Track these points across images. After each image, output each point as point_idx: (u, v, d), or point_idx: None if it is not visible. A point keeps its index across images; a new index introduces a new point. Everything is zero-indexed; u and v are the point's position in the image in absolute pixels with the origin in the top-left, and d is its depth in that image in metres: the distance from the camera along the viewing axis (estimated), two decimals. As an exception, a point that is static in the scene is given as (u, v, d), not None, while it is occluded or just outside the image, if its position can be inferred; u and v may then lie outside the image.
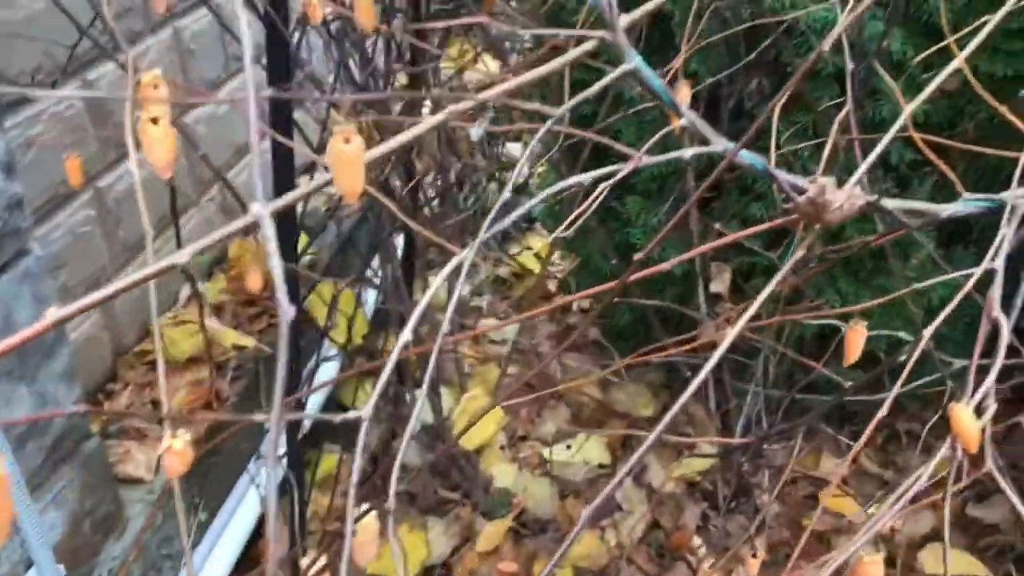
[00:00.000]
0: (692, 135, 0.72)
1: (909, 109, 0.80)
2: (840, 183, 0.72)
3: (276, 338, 1.45)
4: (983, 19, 0.82)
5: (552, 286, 2.45)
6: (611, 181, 0.69)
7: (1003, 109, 0.84)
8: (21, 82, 1.36)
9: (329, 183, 0.59)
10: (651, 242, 1.48)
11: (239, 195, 1.40)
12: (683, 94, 0.79)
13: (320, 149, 1.65)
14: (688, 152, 0.72)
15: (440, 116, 0.64)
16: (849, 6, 1.01)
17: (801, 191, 0.74)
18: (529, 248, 2.71)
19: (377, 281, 1.66)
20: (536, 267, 2.57)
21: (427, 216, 2.07)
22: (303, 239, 1.63)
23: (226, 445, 1.49)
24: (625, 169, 0.69)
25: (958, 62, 0.85)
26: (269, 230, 0.46)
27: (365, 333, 1.79)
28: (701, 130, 0.72)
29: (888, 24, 1.39)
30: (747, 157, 0.75)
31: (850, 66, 0.94)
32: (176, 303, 1.82)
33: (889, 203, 0.77)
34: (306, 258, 1.90)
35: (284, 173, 1.23)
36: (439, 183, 2.28)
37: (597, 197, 0.70)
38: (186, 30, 1.79)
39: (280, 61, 1.00)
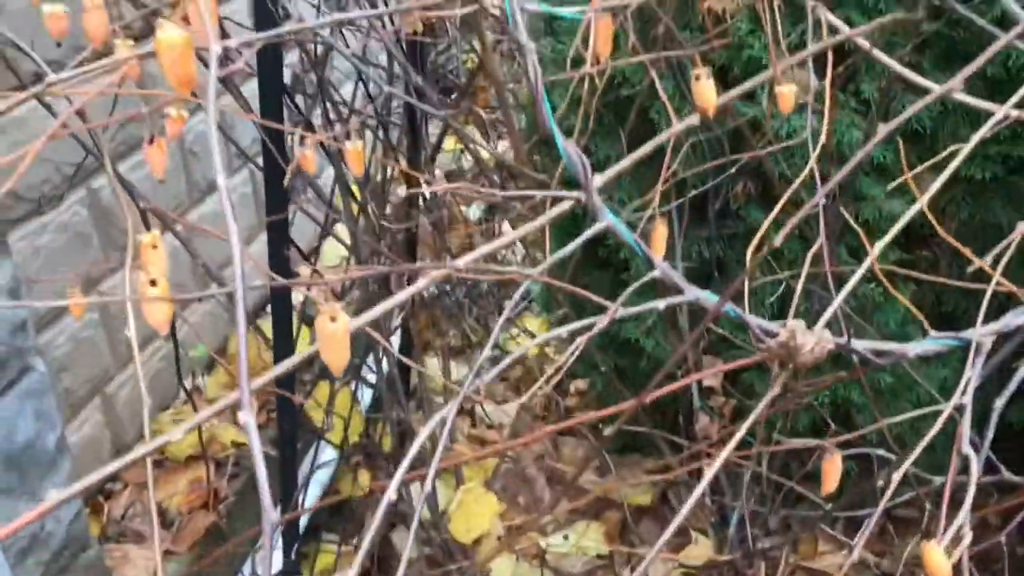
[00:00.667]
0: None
1: (876, 249, 0.84)
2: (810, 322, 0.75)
3: (276, 434, 1.48)
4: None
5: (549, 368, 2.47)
6: (590, 333, 0.72)
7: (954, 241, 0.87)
8: (30, 196, 1.41)
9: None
10: (650, 339, 1.50)
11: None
12: (659, 234, 0.83)
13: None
14: (661, 303, 0.75)
15: (423, 282, 0.68)
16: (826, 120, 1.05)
17: (772, 335, 0.78)
18: (526, 330, 2.74)
19: (373, 378, 1.68)
20: (531, 350, 2.60)
21: (424, 300, 2.11)
22: (304, 334, 1.67)
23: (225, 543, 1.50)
24: (602, 322, 0.72)
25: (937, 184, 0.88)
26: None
27: (361, 431, 1.81)
28: (675, 281, 0.75)
29: (868, 133, 1.44)
30: (712, 300, 0.78)
31: (822, 196, 0.97)
32: (177, 397, 1.85)
33: (858, 344, 0.80)
34: (306, 351, 1.92)
35: (281, 283, 1.27)
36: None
37: (577, 347, 0.73)
38: (189, 132, 1.85)
39: (278, 196, 1.04)
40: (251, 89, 1.14)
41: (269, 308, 2.37)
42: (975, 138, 0.95)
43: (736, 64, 1.51)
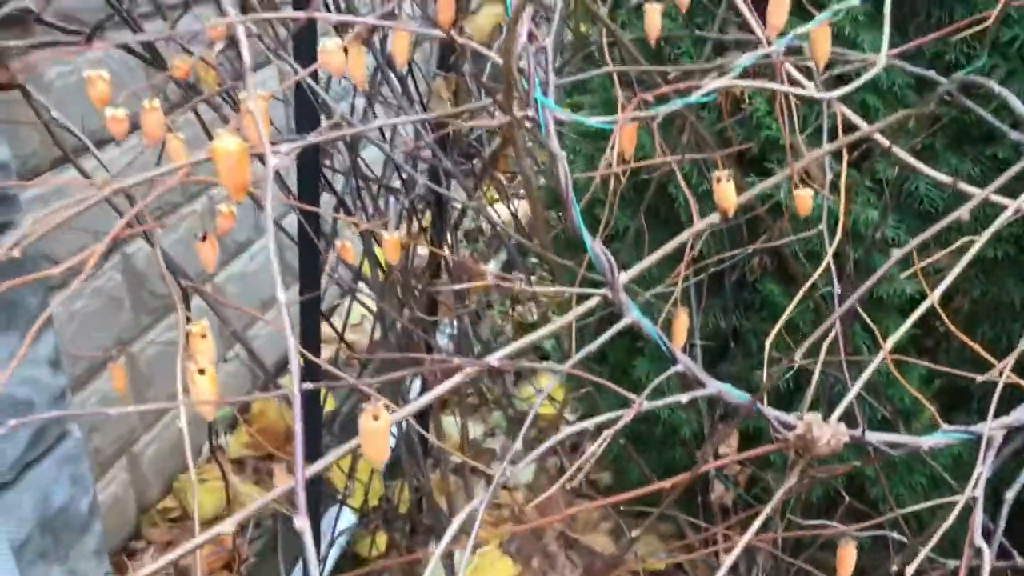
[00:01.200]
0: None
1: (888, 344, 0.87)
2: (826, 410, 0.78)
3: (296, 495, 1.51)
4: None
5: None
6: (614, 427, 0.75)
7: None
8: (66, 261, 1.45)
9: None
10: (664, 408, 1.51)
11: (259, 359, 1.47)
12: (680, 323, 0.86)
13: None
14: (684, 397, 0.79)
15: (458, 378, 0.71)
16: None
17: (790, 427, 0.81)
18: (540, 389, 2.76)
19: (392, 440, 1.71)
20: (548, 409, 2.62)
21: (441, 359, 2.14)
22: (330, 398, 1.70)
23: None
24: (627, 417, 0.75)
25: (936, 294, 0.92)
26: (307, 537, 0.52)
27: (381, 495, 1.83)
28: (697, 375, 0.79)
29: (883, 213, 1.48)
30: (736, 395, 0.81)
31: (836, 290, 1.01)
32: (199, 456, 1.88)
33: (872, 436, 0.83)
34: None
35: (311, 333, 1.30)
36: (455, 324, 2.36)
37: (604, 441, 0.76)
38: (219, 197, 1.90)
39: (312, 275, 1.09)
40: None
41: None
42: (987, 234, 0.99)
43: (755, 143, 1.56)
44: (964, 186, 1.11)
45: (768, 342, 0.86)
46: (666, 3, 0.80)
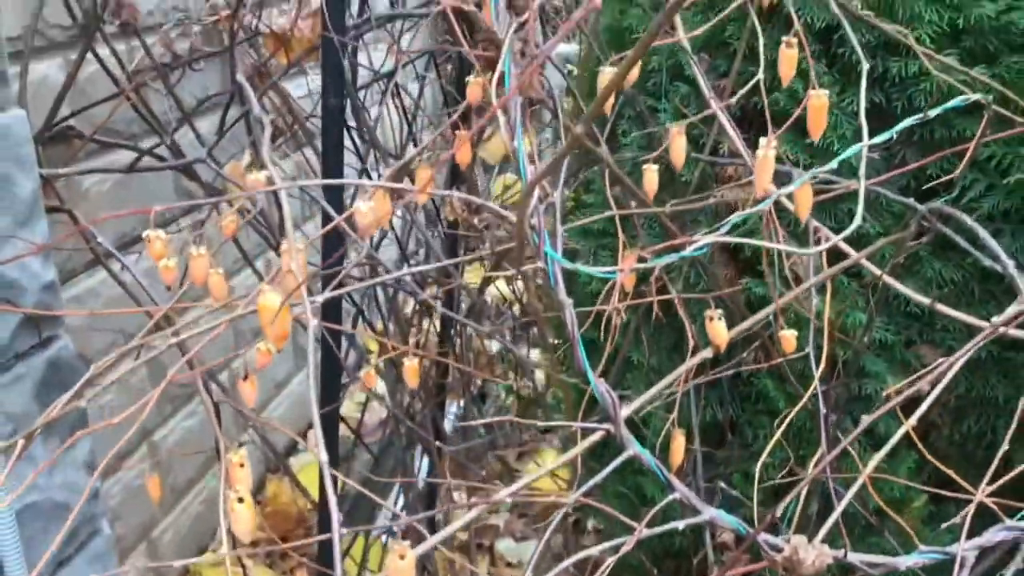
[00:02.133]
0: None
1: (869, 468, 0.94)
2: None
3: (308, 579, 1.57)
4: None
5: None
6: (616, 555, 0.82)
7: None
8: (97, 361, 1.53)
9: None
10: (665, 493, 1.58)
11: (271, 444, 1.54)
12: (677, 445, 0.94)
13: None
14: (681, 524, 0.86)
15: (475, 512, 0.79)
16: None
17: (778, 549, 0.88)
18: (539, 464, 2.82)
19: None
20: (550, 485, 2.68)
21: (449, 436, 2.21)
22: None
23: None
24: (627, 546, 0.82)
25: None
26: None
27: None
28: (693, 503, 0.86)
29: (870, 317, 1.56)
30: (729, 521, 0.89)
31: (824, 411, 1.08)
32: (214, 538, 1.94)
33: (854, 557, 0.90)
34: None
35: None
36: (461, 404, 2.43)
37: (612, 561, 0.83)
38: (238, 287, 1.99)
39: (333, 388, 1.16)
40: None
41: (301, 446, 2.48)
42: (964, 353, 1.07)
43: (748, 246, 1.64)
44: (941, 307, 1.19)
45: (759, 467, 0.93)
46: (661, 164, 0.89)
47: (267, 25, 1.36)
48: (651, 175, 0.86)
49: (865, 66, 0.98)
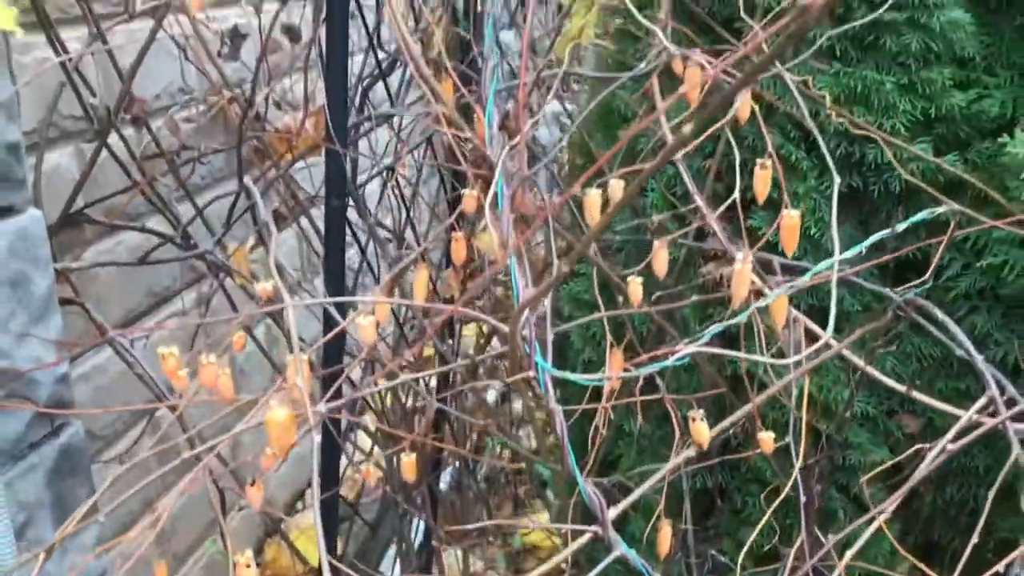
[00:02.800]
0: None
1: (844, 561, 0.99)
2: None
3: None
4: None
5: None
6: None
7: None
8: (106, 433, 1.58)
9: None
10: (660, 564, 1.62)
11: (269, 510, 1.58)
12: (663, 535, 0.98)
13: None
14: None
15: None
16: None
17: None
18: (535, 519, 2.85)
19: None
20: (545, 542, 2.71)
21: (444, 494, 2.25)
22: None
23: None
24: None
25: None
26: None
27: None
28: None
29: (852, 392, 1.61)
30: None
31: (803, 498, 1.13)
32: (214, 602, 1.97)
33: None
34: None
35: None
36: (457, 465, 2.46)
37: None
38: (242, 354, 2.04)
39: (331, 470, 1.21)
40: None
41: (301, 503, 2.51)
42: (940, 445, 1.12)
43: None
44: (917, 395, 1.24)
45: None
46: (645, 276, 0.95)
47: (271, 125, 1.42)
48: (635, 287, 0.92)
49: (836, 180, 1.05)
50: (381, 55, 1.36)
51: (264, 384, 2.18)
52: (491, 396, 3.62)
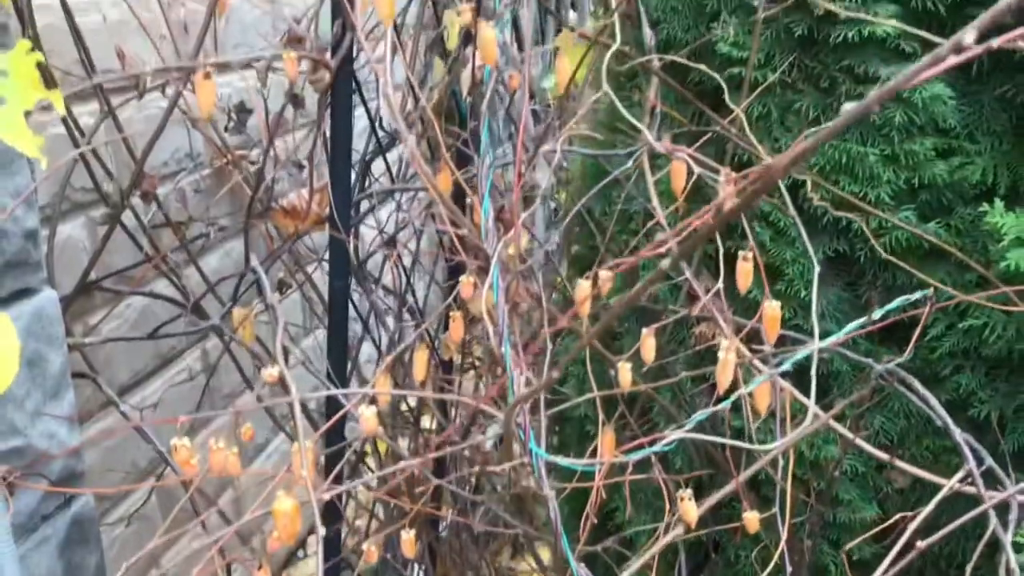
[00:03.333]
0: None
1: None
2: None
3: None
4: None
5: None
6: None
7: None
8: (112, 494, 1.62)
9: None
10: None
11: (270, 563, 1.62)
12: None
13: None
14: None
15: None
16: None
17: None
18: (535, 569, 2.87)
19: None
20: (546, 583, 2.73)
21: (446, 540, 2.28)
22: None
23: None
24: None
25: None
26: None
27: None
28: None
29: (842, 450, 1.65)
30: None
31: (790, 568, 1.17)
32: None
33: None
34: None
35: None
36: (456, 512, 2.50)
37: None
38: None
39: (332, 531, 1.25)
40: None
41: (303, 551, 2.54)
42: (926, 511, 1.16)
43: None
44: (900, 463, 1.29)
45: None
46: (635, 363, 0.99)
47: (277, 203, 1.48)
48: (625, 374, 0.96)
49: (816, 268, 1.09)
50: (382, 133, 1.41)
51: (266, 435, 2.22)
52: (488, 441, 3.66)
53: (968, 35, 0.47)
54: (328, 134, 1.16)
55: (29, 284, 1.15)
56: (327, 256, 1.36)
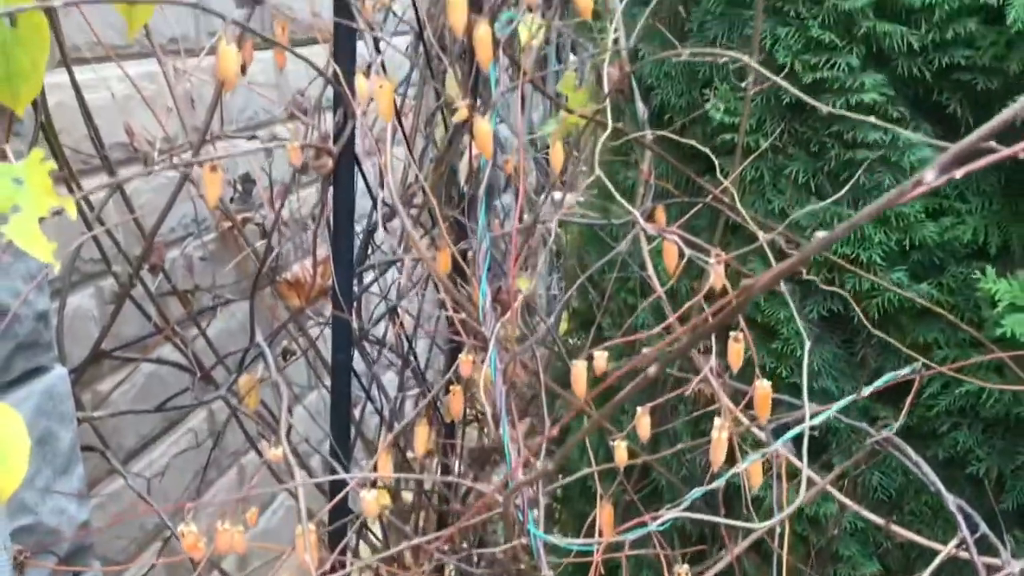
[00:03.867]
0: None
1: None
2: None
3: None
4: None
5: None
6: None
7: None
8: (116, 559, 1.64)
9: None
10: None
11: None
12: None
13: None
14: None
15: None
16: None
17: None
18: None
19: None
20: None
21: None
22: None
23: None
24: None
25: None
26: None
27: None
28: None
29: (841, 507, 1.66)
30: None
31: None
32: None
33: None
34: None
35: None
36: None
37: None
38: (249, 464, 2.11)
39: None
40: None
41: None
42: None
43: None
44: (896, 528, 1.30)
45: None
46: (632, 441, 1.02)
47: (281, 276, 1.51)
48: (621, 452, 0.99)
49: (807, 344, 1.12)
50: (384, 209, 1.45)
51: (268, 494, 2.25)
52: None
53: (928, 174, 0.50)
54: (331, 216, 1.20)
55: (40, 363, 1.18)
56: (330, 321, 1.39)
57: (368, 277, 1.43)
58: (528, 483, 0.87)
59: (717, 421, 0.94)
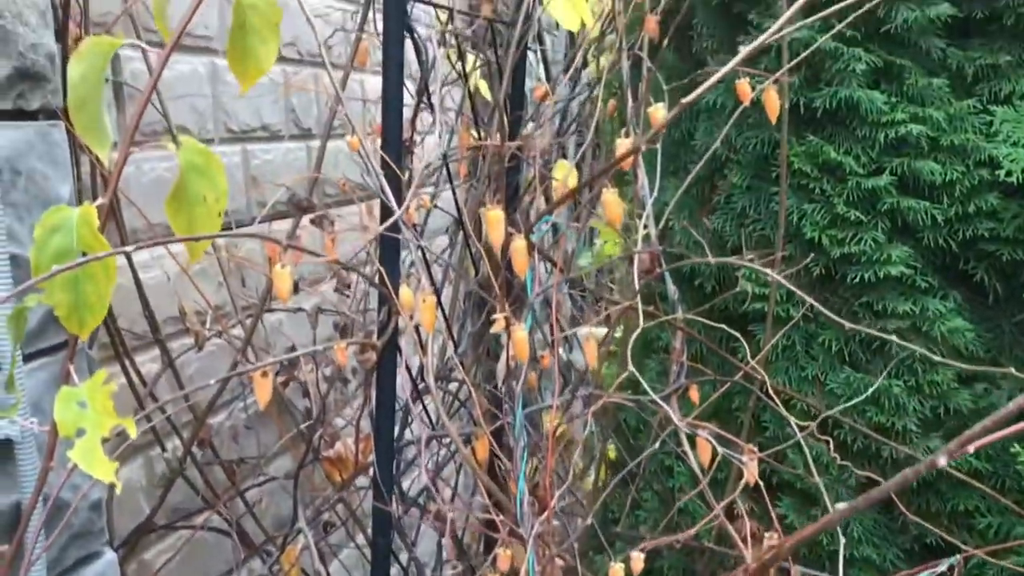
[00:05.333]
0: None
1: None
2: None
3: None
4: None
5: None
6: None
7: None
8: None
9: None
10: None
11: None
12: None
13: None
14: None
15: None
16: None
17: None
18: None
19: None
20: None
21: None
22: None
23: None
24: None
25: None
26: None
27: None
28: None
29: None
30: None
31: None
32: None
33: None
34: None
35: None
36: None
37: None
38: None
39: None
40: None
41: None
42: None
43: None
44: None
45: None
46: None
47: (322, 455, 1.56)
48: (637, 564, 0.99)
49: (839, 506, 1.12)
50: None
51: None
52: None
53: (941, 458, 0.53)
54: (374, 405, 1.24)
55: (92, 550, 1.22)
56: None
57: (407, 467, 1.47)
58: None
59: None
